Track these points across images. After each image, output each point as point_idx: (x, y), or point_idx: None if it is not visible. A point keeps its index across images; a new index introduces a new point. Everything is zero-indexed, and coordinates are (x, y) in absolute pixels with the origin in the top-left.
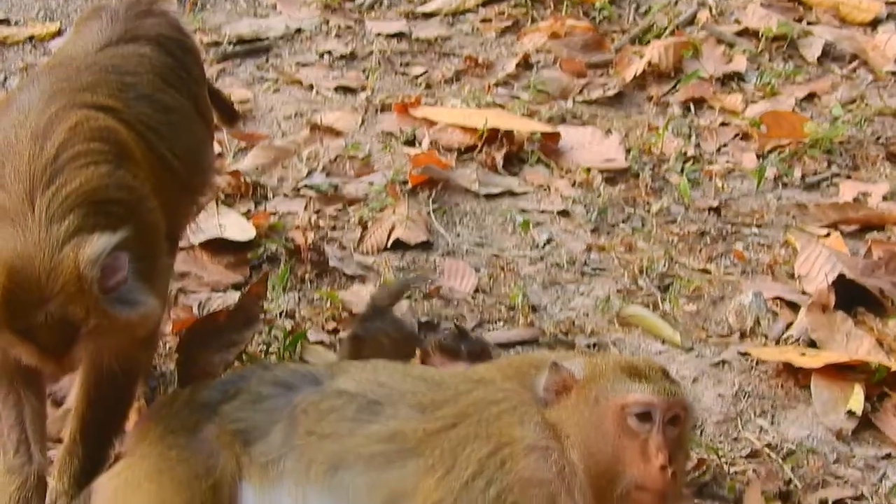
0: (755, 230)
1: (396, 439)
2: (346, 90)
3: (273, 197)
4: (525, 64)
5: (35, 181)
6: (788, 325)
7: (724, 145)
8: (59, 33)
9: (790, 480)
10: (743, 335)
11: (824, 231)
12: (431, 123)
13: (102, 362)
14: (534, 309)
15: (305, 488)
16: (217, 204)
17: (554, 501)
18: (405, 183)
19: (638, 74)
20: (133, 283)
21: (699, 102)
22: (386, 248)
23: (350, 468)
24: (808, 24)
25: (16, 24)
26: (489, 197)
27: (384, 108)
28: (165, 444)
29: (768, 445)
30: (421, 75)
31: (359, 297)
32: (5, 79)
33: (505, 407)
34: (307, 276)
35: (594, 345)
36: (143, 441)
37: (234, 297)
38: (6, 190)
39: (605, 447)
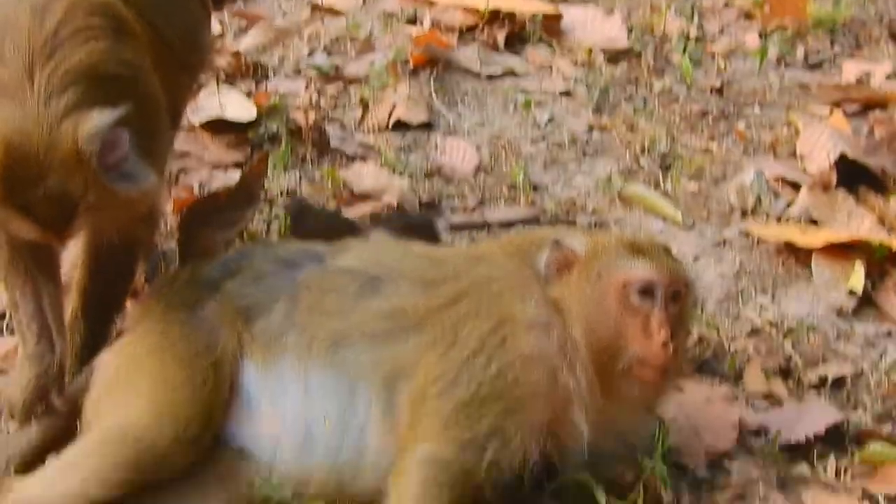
0: (757, 110)
1: (398, 316)
2: None
3: (274, 76)
4: None
5: (34, 56)
6: (790, 204)
7: (727, 25)
8: None
9: (790, 357)
10: (744, 214)
11: (826, 110)
12: (433, 3)
13: (103, 238)
14: (535, 188)
15: (307, 364)
16: (218, 83)
17: (555, 377)
18: (406, 62)
19: None
20: (133, 159)
21: None
22: (387, 128)
23: (352, 345)
24: None
25: None
26: (490, 77)
27: None
28: (167, 320)
29: (769, 323)
30: None
31: (359, 176)
32: None
33: (506, 284)
34: (308, 155)
35: (595, 224)
36: (144, 318)
37: (234, 176)
38: (5, 65)
39: (607, 323)
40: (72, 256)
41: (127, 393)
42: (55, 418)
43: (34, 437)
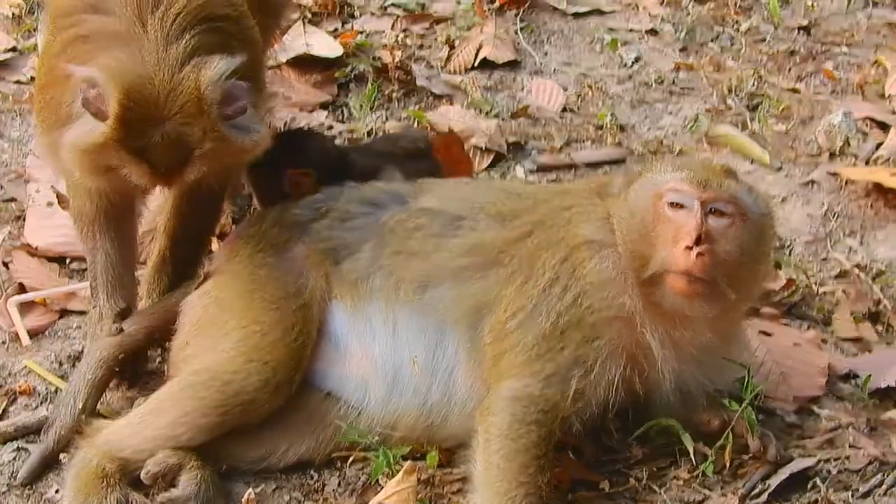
0: (845, 49)
1: (478, 251)
2: None
3: (360, 16)
4: None
5: (142, 3)
6: (878, 145)
7: None
8: None
9: (879, 301)
10: (832, 155)
11: None
12: None
13: (197, 183)
14: (622, 128)
15: (395, 307)
16: (304, 23)
17: (617, 298)
18: (493, 2)
19: None
20: (250, 110)
21: None
22: (473, 68)
23: (438, 285)
24: None
25: None
26: (577, 15)
27: None
28: (255, 263)
29: (857, 266)
30: None
31: (445, 117)
32: None
33: (577, 211)
34: (394, 95)
35: None
36: (232, 260)
37: (320, 116)
38: (114, 14)
39: (645, 234)
40: (158, 200)
41: (215, 337)
42: (118, 351)
43: (98, 371)
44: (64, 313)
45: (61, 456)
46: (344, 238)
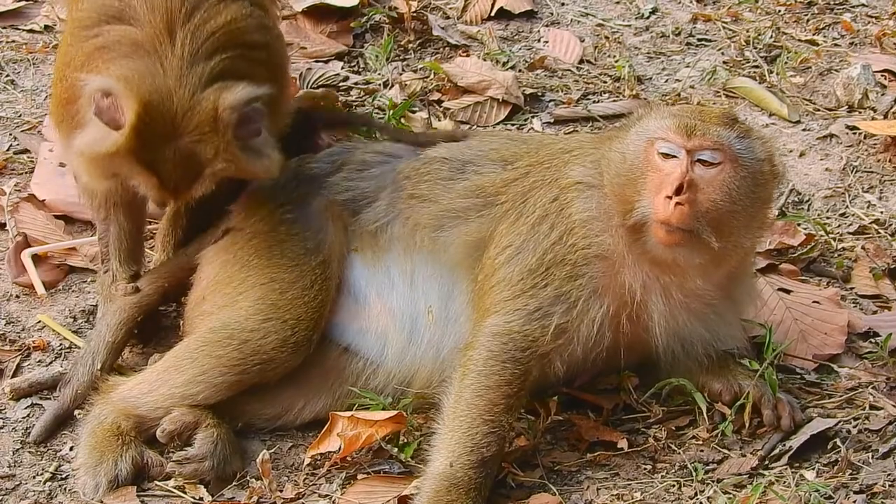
0: (863, 0)
1: (479, 191)
2: None
3: None
4: None
5: (172, 15)
6: None
7: None
8: None
9: None
10: (851, 108)
11: None
12: None
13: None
14: (639, 80)
15: (413, 255)
16: None
17: (598, 238)
18: None
19: None
20: (265, 135)
21: None
22: (490, 18)
23: (448, 227)
24: None
25: None
26: None
27: None
28: (275, 219)
29: (876, 221)
30: None
31: (462, 69)
32: None
33: (575, 154)
34: (410, 45)
35: None
36: (251, 216)
37: (336, 67)
38: (139, 24)
39: (633, 180)
40: None
41: (233, 294)
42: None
43: (117, 331)
44: (73, 269)
45: (76, 413)
46: (361, 188)
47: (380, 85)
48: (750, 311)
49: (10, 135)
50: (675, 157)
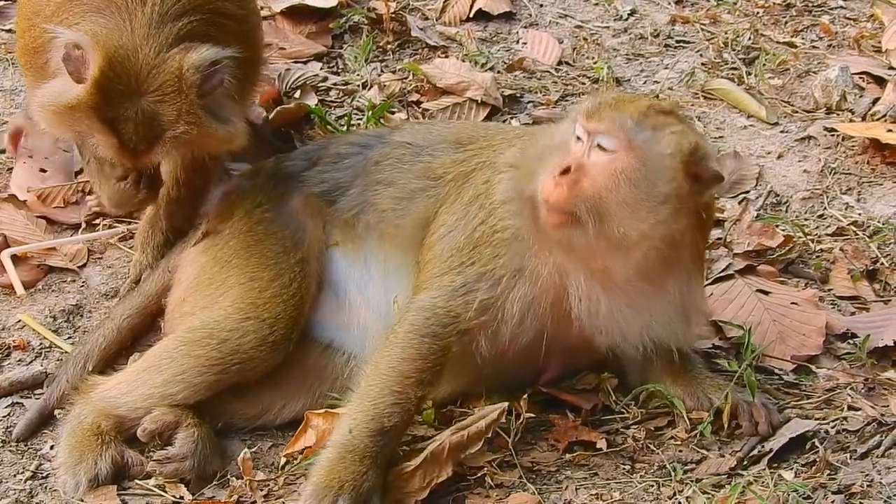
0: (841, 3)
1: (429, 172)
2: None
3: None
4: None
5: None
6: (875, 101)
7: None
8: None
9: (877, 259)
10: (829, 110)
11: None
12: None
13: (190, 155)
14: (618, 81)
15: (384, 243)
16: None
17: (513, 219)
18: None
19: None
20: (228, 101)
21: None
22: (469, 19)
23: (403, 211)
24: None
25: None
26: None
27: None
28: (253, 219)
29: (854, 223)
30: None
31: (441, 70)
32: None
33: (521, 138)
34: (389, 46)
35: None
36: (230, 217)
37: (315, 68)
38: None
39: (542, 158)
40: None
41: (213, 294)
42: (134, 317)
43: (112, 335)
44: (53, 269)
45: (56, 412)
46: (336, 178)
47: (359, 86)
48: (695, 310)
49: None
50: (582, 140)
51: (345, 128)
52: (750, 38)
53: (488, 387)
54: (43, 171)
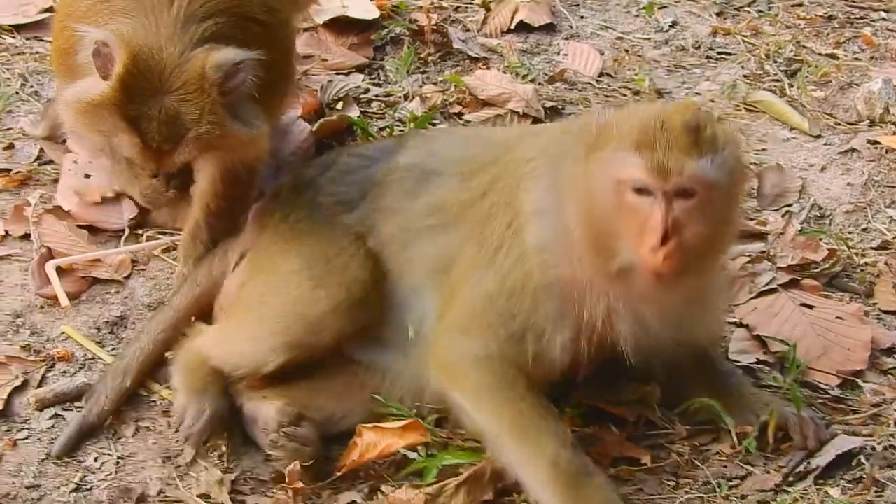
0: (884, 14)
1: (440, 212)
2: None
3: None
4: None
5: None
6: None
7: None
8: None
9: None
10: (872, 122)
11: None
12: None
13: (227, 162)
14: (659, 93)
15: (396, 269)
16: None
17: (557, 265)
18: None
19: None
20: (252, 105)
21: None
22: (510, 31)
23: (415, 244)
24: None
25: None
26: None
27: None
28: (288, 223)
29: None
30: None
31: (483, 81)
32: None
33: (533, 167)
34: (430, 58)
35: None
36: (263, 233)
37: (357, 79)
38: None
39: (606, 219)
40: None
41: (275, 280)
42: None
43: (149, 349)
44: (97, 280)
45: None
46: (343, 192)
47: (400, 97)
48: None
49: (35, 145)
50: (648, 193)
51: None
52: (792, 50)
53: None
54: (87, 176)
